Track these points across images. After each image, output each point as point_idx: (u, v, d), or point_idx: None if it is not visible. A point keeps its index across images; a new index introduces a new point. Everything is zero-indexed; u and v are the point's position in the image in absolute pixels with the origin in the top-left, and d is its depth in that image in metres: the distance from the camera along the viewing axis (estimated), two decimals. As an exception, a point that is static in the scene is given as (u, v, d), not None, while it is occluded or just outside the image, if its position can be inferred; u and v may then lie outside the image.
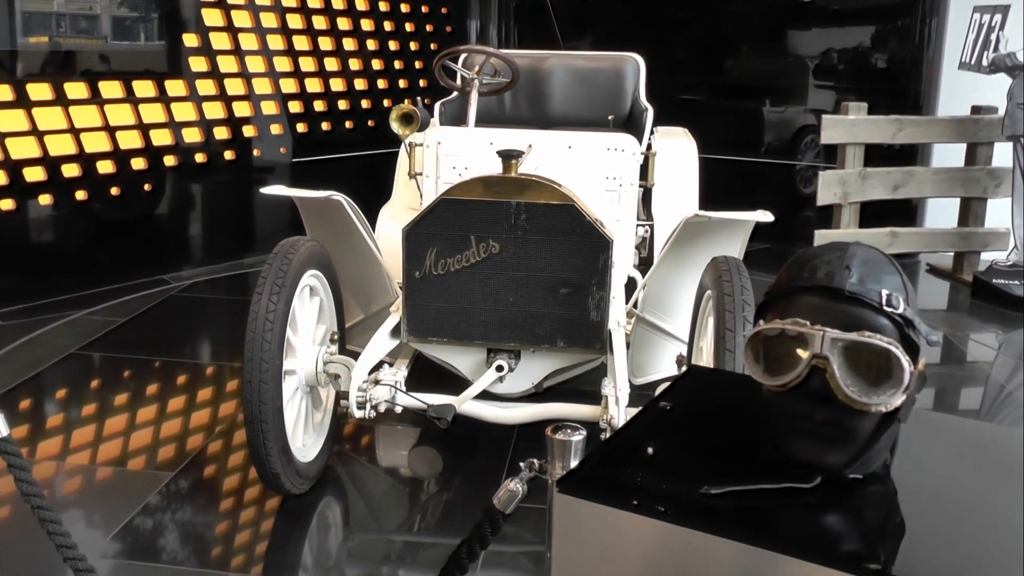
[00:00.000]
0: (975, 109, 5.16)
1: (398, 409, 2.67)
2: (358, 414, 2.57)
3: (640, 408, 1.36)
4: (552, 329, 2.62)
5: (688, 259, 2.85)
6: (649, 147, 3.50)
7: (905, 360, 1.14)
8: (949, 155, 5.48)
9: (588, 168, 2.98)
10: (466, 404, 2.64)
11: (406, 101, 3.59)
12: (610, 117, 3.77)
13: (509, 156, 2.59)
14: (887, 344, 1.14)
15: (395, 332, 2.76)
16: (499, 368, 2.65)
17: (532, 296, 2.60)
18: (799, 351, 1.15)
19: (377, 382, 2.63)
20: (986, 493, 1.25)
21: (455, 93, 3.84)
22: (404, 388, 2.69)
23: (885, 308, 1.16)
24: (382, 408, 2.62)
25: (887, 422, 1.18)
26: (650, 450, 1.24)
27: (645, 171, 3.16)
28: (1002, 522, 1.17)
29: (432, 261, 2.59)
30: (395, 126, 3.14)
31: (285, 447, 2.49)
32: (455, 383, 2.79)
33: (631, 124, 3.89)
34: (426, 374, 2.91)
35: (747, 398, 1.28)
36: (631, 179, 3.05)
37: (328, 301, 2.77)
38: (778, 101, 6.41)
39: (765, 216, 2.75)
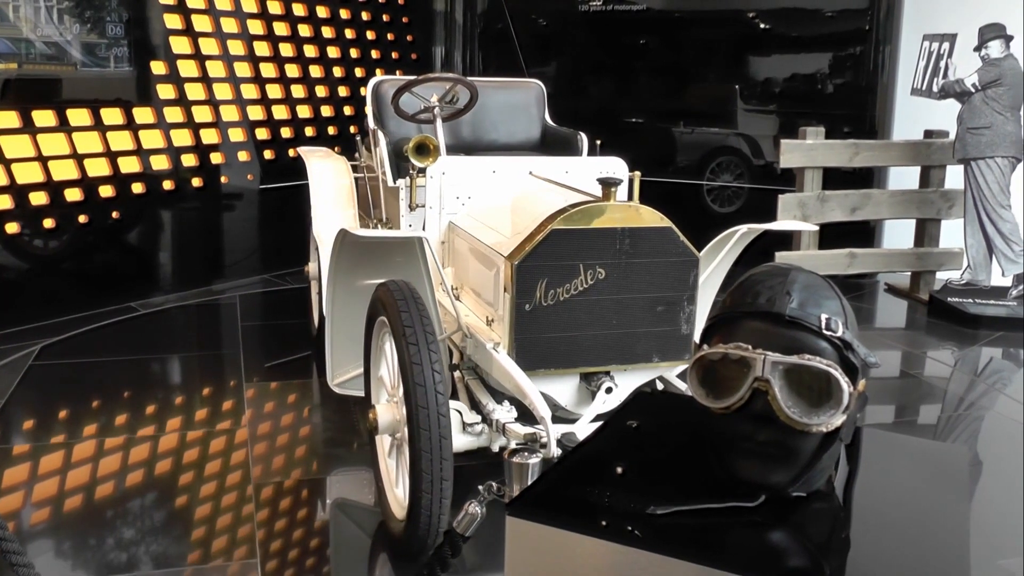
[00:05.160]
0: (927, 133, 5.30)
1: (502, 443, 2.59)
2: (554, 452, 2.47)
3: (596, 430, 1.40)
4: (649, 346, 2.69)
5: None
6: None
7: (844, 381, 1.19)
8: (904, 178, 5.63)
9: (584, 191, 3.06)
10: (578, 429, 2.62)
11: (368, 128, 3.60)
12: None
13: (609, 184, 2.64)
14: (826, 366, 1.19)
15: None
16: (608, 390, 2.67)
17: (632, 317, 2.66)
18: (742, 374, 1.21)
19: (488, 421, 2.58)
20: (933, 509, 1.30)
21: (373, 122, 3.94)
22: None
23: (824, 332, 1.22)
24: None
25: (829, 441, 1.24)
26: (619, 469, 1.28)
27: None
28: (948, 537, 1.22)
29: (542, 293, 2.59)
30: (413, 159, 3.14)
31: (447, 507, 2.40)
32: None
33: (545, 147, 4.02)
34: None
35: (694, 419, 1.32)
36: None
37: None
38: (731, 125, 6.55)
39: (809, 225, 3.28)
